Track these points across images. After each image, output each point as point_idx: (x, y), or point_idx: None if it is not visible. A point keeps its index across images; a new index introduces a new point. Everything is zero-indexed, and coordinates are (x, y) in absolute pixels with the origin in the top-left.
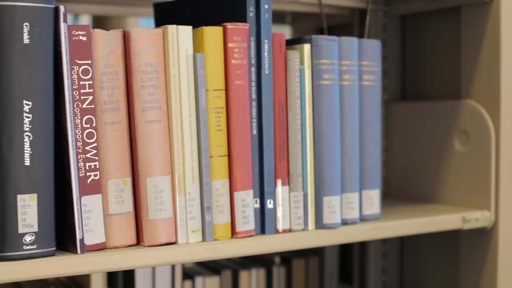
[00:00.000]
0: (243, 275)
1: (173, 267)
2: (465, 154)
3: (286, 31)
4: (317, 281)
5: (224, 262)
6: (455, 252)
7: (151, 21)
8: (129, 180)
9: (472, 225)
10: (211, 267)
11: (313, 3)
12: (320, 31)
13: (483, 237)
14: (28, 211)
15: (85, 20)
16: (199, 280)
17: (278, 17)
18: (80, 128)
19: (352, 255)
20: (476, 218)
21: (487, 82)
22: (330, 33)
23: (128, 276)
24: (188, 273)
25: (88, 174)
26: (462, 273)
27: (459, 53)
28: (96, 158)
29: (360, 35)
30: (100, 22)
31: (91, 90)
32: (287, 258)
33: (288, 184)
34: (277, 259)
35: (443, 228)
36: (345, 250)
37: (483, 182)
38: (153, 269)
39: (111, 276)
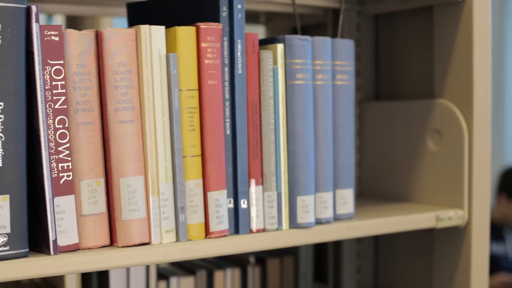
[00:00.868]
0: (218, 275)
1: (147, 267)
2: (438, 153)
3: (260, 31)
4: (292, 280)
5: (199, 262)
6: (429, 250)
7: (126, 21)
8: (102, 180)
9: (446, 224)
10: (185, 267)
11: (286, 3)
12: (294, 31)
13: (456, 236)
14: (1, 212)
15: (59, 20)
16: (173, 280)
17: (252, 17)
18: (52, 128)
19: (326, 254)
20: (450, 217)
21: (460, 82)
22: (304, 33)
23: (102, 276)
24: (163, 274)
25: (61, 174)
26: (436, 271)
27: (432, 53)
28: (69, 158)
29: (334, 35)
30: (74, 22)
31: (64, 91)
32: (261, 258)
33: (262, 183)
34: (252, 259)
35: (417, 227)
36: (320, 249)
37: (456, 181)
38: (128, 269)
39: (85, 277)
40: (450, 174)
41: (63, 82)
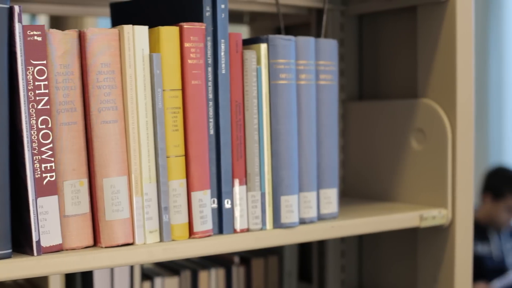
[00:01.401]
0: (202, 275)
1: (131, 268)
2: (422, 152)
3: (244, 31)
4: (277, 280)
5: (183, 262)
6: (413, 250)
7: (110, 21)
8: (85, 181)
9: (429, 223)
10: (170, 268)
11: (270, 2)
12: (278, 31)
13: (440, 235)
14: None
15: (42, 20)
16: (158, 280)
17: (236, 17)
18: (35, 129)
19: (311, 254)
20: (433, 216)
21: (443, 81)
22: (288, 32)
23: (86, 277)
24: (147, 274)
25: (44, 175)
26: (420, 270)
27: (415, 53)
28: (52, 159)
29: (318, 35)
30: (57, 22)
31: (47, 91)
32: (246, 257)
33: (246, 183)
34: (236, 259)
35: (401, 226)
36: (304, 249)
37: (440, 180)
38: (112, 270)
39: (69, 278)
40: (434, 173)
41: (46, 82)
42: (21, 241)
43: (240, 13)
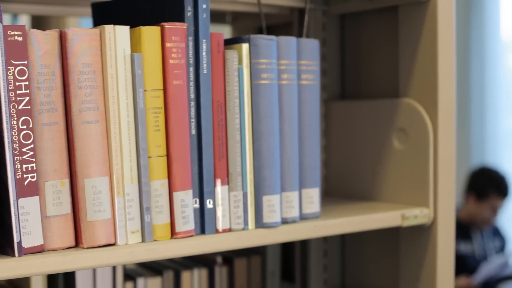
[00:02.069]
0: (185, 275)
1: (114, 268)
2: (403, 152)
3: (226, 31)
4: (259, 280)
5: (166, 262)
6: (396, 249)
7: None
8: (67, 181)
9: (411, 222)
10: (152, 268)
11: (252, 2)
12: (261, 31)
13: (422, 234)
14: None
15: (24, 20)
16: (140, 281)
17: (218, 17)
18: (16, 129)
19: (293, 254)
20: (415, 215)
21: (424, 81)
22: (270, 32)
23: (68, 278)
24: (130, 274)
25: (25, 176)
26: (402, 269)
27: (397, 52)
28: (33, 159)
29: (300, 35)
30: (39, 22)
31: (28, 91)
32: (229, 257)
33: (228, 183)
34: (219, 259)
35: (383, 226)
36: (287, 249)
37: (422, 180)
38: (94, 270)
39: (51, 279)
40: (416, 172)
41: (27, 83)
42: (2, 242)
43: (222, 13)
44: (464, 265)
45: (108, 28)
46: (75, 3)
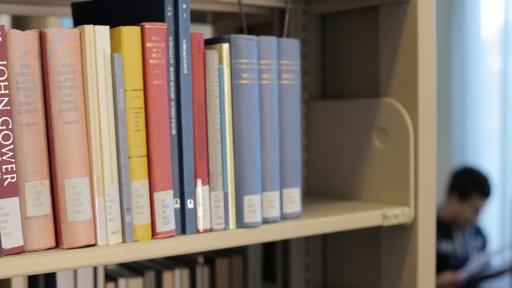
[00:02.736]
0: (167, 276)
1: (95, 269)
2: (384, 151)
3: (207, 31)
4: (241, 280)
5: (147, 263)
6: (377, 248)
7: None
8: (47, 182)
9: (392, 222)
10: (134, 268)
11: (232, 2)
12: (241, 31)
13: (403, 233)
14: None
15: (4, 20)
16: (122, 281)
17: (199, 17)
18: None
19: (275, 253)
20: (396, 215)
21: (405, 81)
22: (251, 32)
23: (49, 279)
24: (111, 275)
25: (4, 176)
26: (384, 268)
27: (378, 52)
28: (13, 160)
29: (280, 35)
30: (19, 22)
31: (7, 91)
32: (210, 257)
33: (208, 183)
34: (200, 259)
35: (364, 225)
36: (268, 248)
37: (402, 179)
38: (75, 271)
39: (32, 280)
40: (396, 172)
41: (6, 83)
42: None
43: (203, 13)
44: (446, 264)
45: (88, 28)
46: (55, 3)
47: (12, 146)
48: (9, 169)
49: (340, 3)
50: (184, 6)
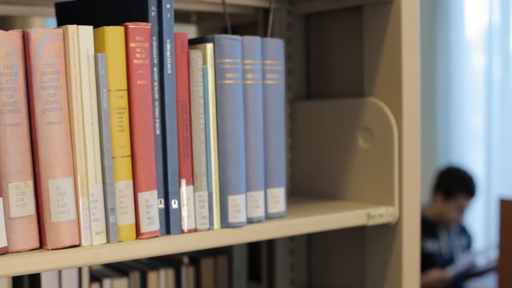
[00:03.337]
0: (152, 276)
1: (80, 269)
2: (368, 151)
3: (191, 31)
4: (226, 280)
5: (132, 263)
6: (361, 247)
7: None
8: (30, 182)
9: (377, 221)
10: (118, 269)
11: (217, 2)
12: (226, 31)
13: (387, 232)
14: None
15: None
16: (107, 282)
17: (183, 17)
18: None
19: (260, 253)
20: (381, 214)
21: (389, 80)
22: (235, 32)
23: (33, 280)
24: (96, 276)
25: None
26: (368, 268)
27: (362, 52)
28: None
29: (265, 34)
30: (3, 22)
31: None
32: (195, 258)
33: (193, 183)
34: (185, 259)
35: (348, 225)
36: (253, 248)
37: (387, 178)
38: (59, 272)
39: (16, 281)
40: (381, 171)
41: None
42: None
43: (187, 13)
44: (431, 263)
45: (72, 28)
46: (39, 3)
47: None
48: None
49: (324, 3)
50: (168, 6)
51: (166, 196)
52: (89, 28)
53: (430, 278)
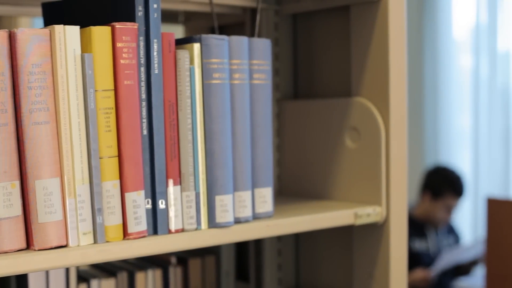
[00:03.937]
0: (139, 276)
1: (67, 270)
2: (356, 151)
3: (179, 31)
4: (214, 280)
5: (120, 263)
6: (349, 247)
7: None
8: (17, 183)
9: (364, 221)
10: (106, 269)
11: (204, 2)
12: (213, 31)
13: (375, 232)
14: None
15: None
16: (94, 282)
17: (171, 17)
18: None
19: (248, 253)
20: (368, 214)
21: (376, 80)
22: (223, 32)
23: (21, 280)
24: (83, 276)
25: None
26: (356, 267)
27: (349, 52)
28: None
29: (252, 34)
30: None
31: None
32: (183, 258)
33: (180, 183)
34: (173, 259)
35: (336, 224)
36: (241, 248)
37: (374, 178)
38: (47, 273)
39: (3, 282)
40: (368, 171)
41: None
42: None
43: (174, 13)
44: (419, 262)
45: (58, 28)
46: (27, 3)
47: None
48: None
49: (311, 3)
50: (155, 6)
51: (153, 196)
52: (76, 28)
53: (414, 277)
